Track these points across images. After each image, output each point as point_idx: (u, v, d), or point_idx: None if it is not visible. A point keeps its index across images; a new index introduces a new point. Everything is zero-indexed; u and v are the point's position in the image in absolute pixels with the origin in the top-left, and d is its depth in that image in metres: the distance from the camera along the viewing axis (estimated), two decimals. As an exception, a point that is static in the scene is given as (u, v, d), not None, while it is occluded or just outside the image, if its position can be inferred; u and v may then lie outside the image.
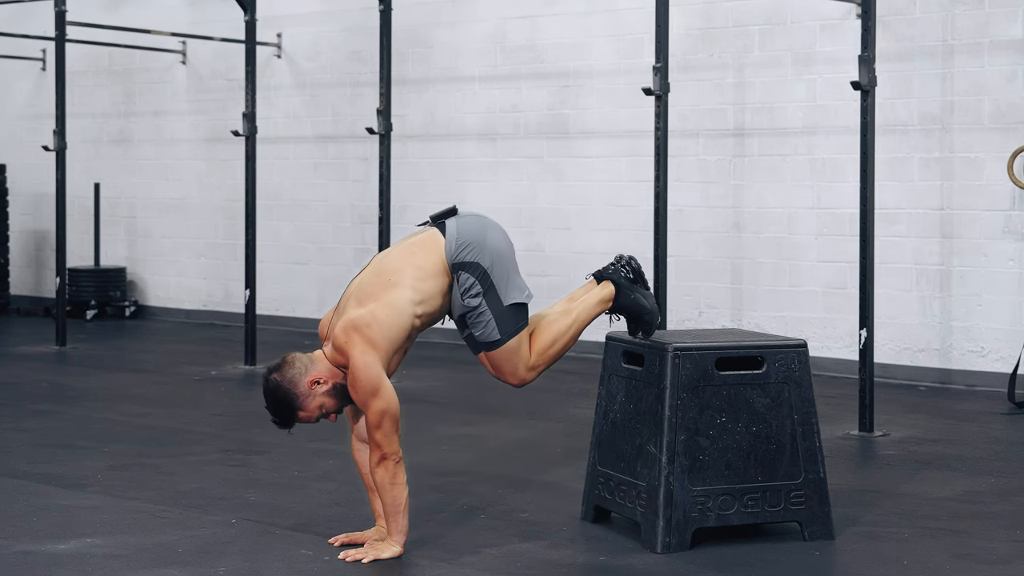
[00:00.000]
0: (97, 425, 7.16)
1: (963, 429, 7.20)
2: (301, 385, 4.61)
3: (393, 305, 4.59)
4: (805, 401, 4.91)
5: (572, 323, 4.87)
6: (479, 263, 4.67)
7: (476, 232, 4.71)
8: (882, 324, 8.54)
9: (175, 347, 10.53)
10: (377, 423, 4.55)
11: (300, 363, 4.63)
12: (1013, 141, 8.34)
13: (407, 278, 4.63)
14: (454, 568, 4.61)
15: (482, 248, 4.68)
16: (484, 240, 4.70)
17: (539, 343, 4.81)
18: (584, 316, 4.91)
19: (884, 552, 4.82)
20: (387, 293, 4.60)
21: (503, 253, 4.73)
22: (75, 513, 5.30)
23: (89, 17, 10.91)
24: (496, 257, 4.70)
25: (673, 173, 9.09)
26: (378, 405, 4.53)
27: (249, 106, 9.25)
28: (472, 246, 4.68)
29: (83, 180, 12.33)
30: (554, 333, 4.84)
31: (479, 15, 10.44)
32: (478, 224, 4.75)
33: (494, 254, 4.70)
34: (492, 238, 4.73)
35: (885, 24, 8.57)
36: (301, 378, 4.61)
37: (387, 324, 4.57)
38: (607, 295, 4.95)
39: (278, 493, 5.63)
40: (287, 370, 4.63)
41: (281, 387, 4.62)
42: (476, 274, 4.66)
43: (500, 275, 4.69)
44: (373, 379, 4.53)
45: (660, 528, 4.75)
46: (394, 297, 4.59)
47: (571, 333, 4.87)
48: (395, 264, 4.67)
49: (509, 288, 4.71)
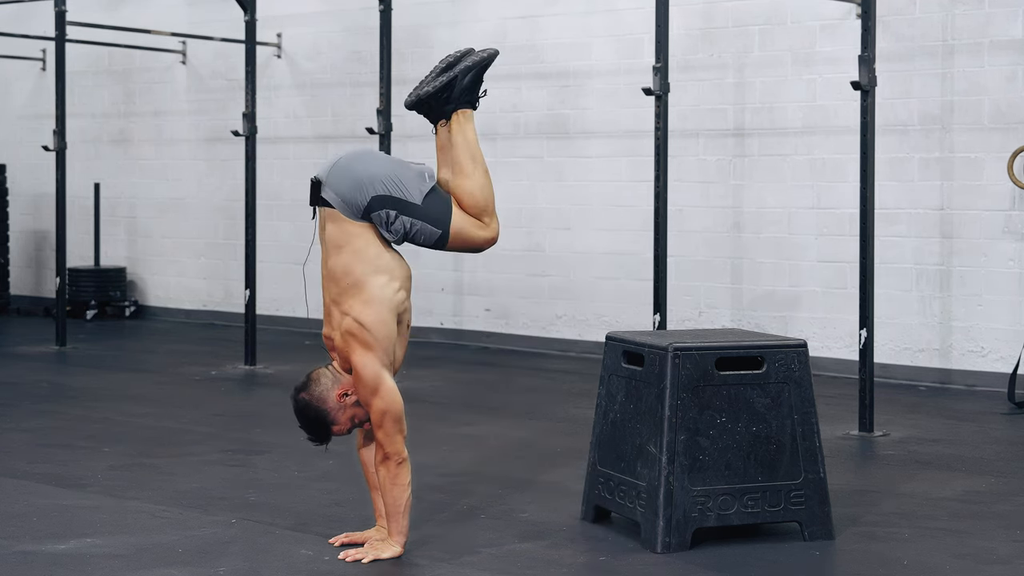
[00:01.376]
0: (97, 425, 7.16)
1: (963, 429, 7.20)
2: (331, 400, 4.62)
3: (369, 301, 4.60)
4: (805, 401, 4.91)
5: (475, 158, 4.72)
6: (373, 196, 4.59)
7: (347, 179, 4.62)
8: (882, 324, 8.54)
9: (175, 347, 10.53)
10: (378, 422, 4.56)
11: (326, 378, 4.65)
12: (1013, 141, 8.34)
13: (358, 268, 4.62)
14: (454, 568, 4.61)
15: (362, 185, 4.60)
16: (358, 178, 4.61)
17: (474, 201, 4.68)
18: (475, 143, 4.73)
19: (884, 552, 4.82)
20: (357, 293, 4.60)
21: (381, 170, 4.64)
22: (75, 513, 5.30)
23: (89, 17, 10.91)
24: (380, 179, 4.61)
25: (673, 173, 9.09)
26: (378, 405, 4.55)
27: (249, 106, 9.25)
28: (355, 192, 4.60)
29: (83, 180, 12.33)
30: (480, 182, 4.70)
31: (479, 15, 10.44)
32: (342, 172, 4.65)
33: (375, 179, 4.61)
34: (361, 170, 4.64)
35: (885, 24, 8.57)
36: (329, 393, 4.63)
37: (374, 321, 4.58)
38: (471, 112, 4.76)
39: (278, 493, 5.63)
40: (314, 387, 4.64)
41: (312, 405, 4.63)
42: (379, 206, 4.60)
43: (396, 188, 4.62)
44: (372, 378, 4.54)
45: (660, 528, 4.75)
46: (365, 294, 4.60)
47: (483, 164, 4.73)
48: (339, 266, 4.66)
49: (412, 189, 4.63)
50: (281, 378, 8.68)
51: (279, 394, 7.69)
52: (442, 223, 4.67)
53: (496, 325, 10.42)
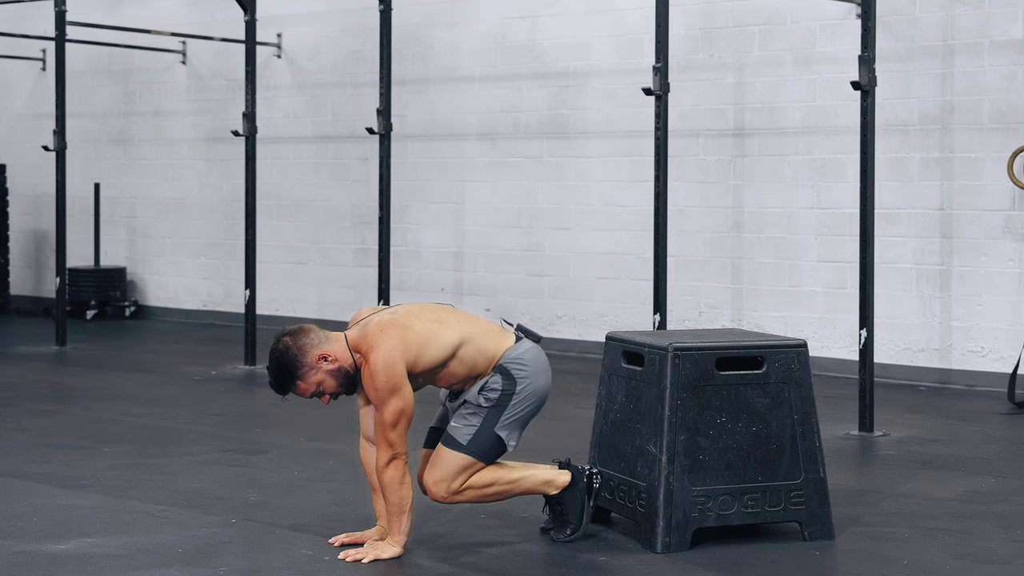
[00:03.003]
0: (97, 425, 7.17)
1: (963, 429, 7.20)
2: (309, 355, 4.60)
3: (437, 335, 4.64)
4: (805, 401, 4.91)
5: (514, 482, 4.84)
6: (515, 383, 4.73)
7: (536, 365, 4.79)
8: (882, 324, 8.54)
9: (175, 347, 10.53)
10: (394, 422, 4.54)
11: (315, 335, 4.64)
12: (1013, 141, 8.34)
13: (464, 332, 4.69)
14: (454, 568, 4.61)
15: (529, 379, 4.75)
16: (536, 376, 4.77)
17: (479, 478, 4.78)
18: (527, 485, 4.88)
19: (884, 552, 4.82)
20: (439, 327, 4.66)
21: (536, 398, 4.79)
22: (75, 513, 5.30)
23: (89, 17, 10.91)
24: (529, 395, 4.76)
25: (673, 173, 9.09)
26: (397, 404, 4.54)
27: (249, 106, 9.25)
28: (524, 369, 4.75)
29: (83, 180, 12.33)
30: (496, 479, 4.81)
31: (479, 15, 10.44)
32: (542, 363, 4.83)
33: (531, 391, 4.76)
34: (542, 381, 4.80)
35: (885, 24, 8.57)
36: (311, 349, 4.61)
37: (425, 341, 4.61)
38: (561, 481, 4.91)
39: (278, 493, 5.63)
40: (301, 337, 4.63)
41: (289, 351, 4.61)
42: (505, 388, 4.72)
43: (517, 409, 4.75)
44: (397, 377, 4.54)
45: (660, 528, 4.75)
46: (443, 335, 4.65)
47: (507, 489, 4.84)
48: (464, 319, 4.76)
49: (511, 424, 4.75)
50: (281, 378, 8.67)
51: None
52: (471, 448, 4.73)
53: (496, 325, 10.41)
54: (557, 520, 4.95)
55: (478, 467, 4.74)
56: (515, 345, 4.78)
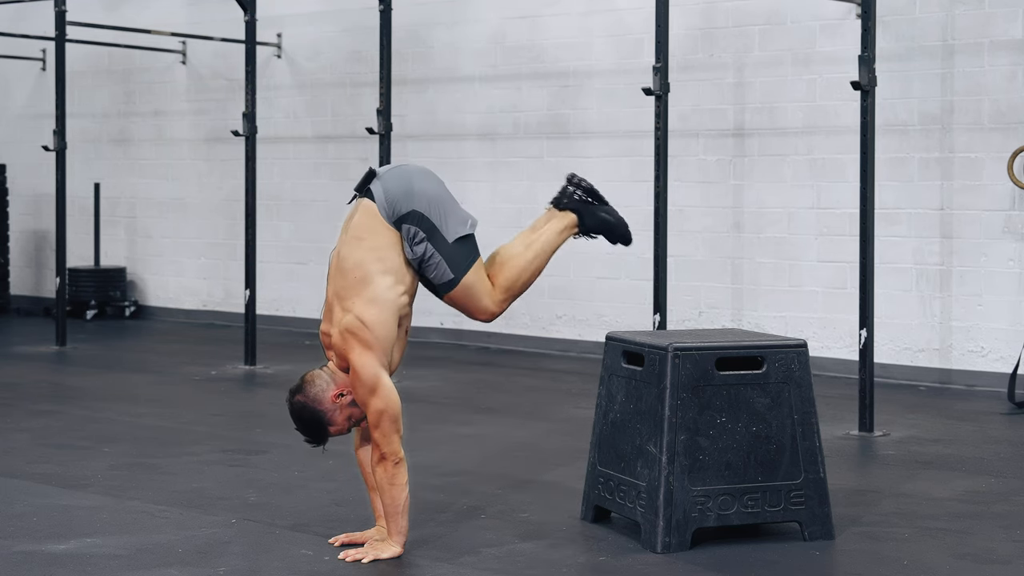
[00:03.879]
0: (97, 425, 7.16)
1: (963, 429, 7.20)
2: (326, 401, 4.61)
3: (375, 300, 4.58)
4: (805, 401, 4.91)
5: (537, 253, 4.85)
6: (414, 210, 4.64)
7: (401, 183, 4.67)
8: (882, 324, 8.54)
9: (175, 347, 10.53)
10: (375, 422, 4.55)
11: (320, 380, 4.64)
12: (1013, 141, 8.34)
13: (370, 266, 4.61)
14: (454, 568, 4.61)
15: (411, 196, 4.65)
16: (411, 188, 4.67)
17: (504, 277, 4.78)
18: (549, 246, 4.89)
19: (884, 552, 4.82)
20: (361, 290, 4.59)
21: (434, 193, 4.70)
22: (75, 513, 5.30)
23: (89, 17, 10.91)
24: (428, 199, 4.67)
25: (673, 173, 9.09)
26: (376, 404, 4.54)
27: (249, 106, 9.25)
28: (401, 198, 4.64)
29: (83, 180, 12.33)
30: (520, 266, 4.81)
31: (479, 15, 10.44)
32: (400, 175, 4.72)
33: (425, 197, 4.67)
34: (418, 183, 4.69)
35: (885, 24, 8.57)
36: (324, 394, 4.61)
37: (377, 322, 4.57)
38: (570, 222, 4.95)
39: (278, 493, 5.63)
40: (309, 389, 4.63)
41: (308, 407, 4.62)
42: (415, 221, 4.63)
43: (438, 215, 4.66)
44: (370, 378, 4.54)
45: (660, 528, 4.75)
46: (370, 291, 4.59)
47: (536, 263, 4.85)
48: (353, 258, 4.64)
49: (450, 224, 4.68)
50: (281, 378, 8.68)
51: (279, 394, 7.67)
52: (458, 270, 4.68)
53: (496, 325, 10.40)
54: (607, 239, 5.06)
55: (480, 269, 4.72)
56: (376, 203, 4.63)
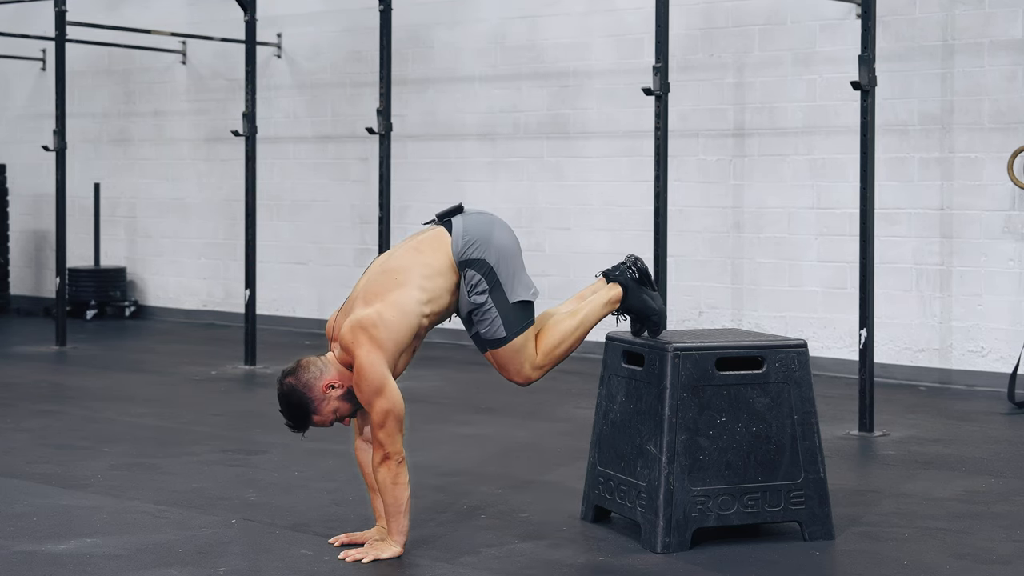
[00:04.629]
0: (97, 425, 7.17)
1: (963, 429, 7.20)
2: (316, 389, 4.61)
3: (399, 304, 4.58)
4: (805, 401, 4.91)
5: (579, 324, 4.87)
6: (485, 260, 4.66)
7: (482, 229, 4.71)
8: (882, 324, 8.54)
9: (175, 347, 10.53)
10: (381, 422, 4.55)
11: (315, 367, 4.63)
12: (1013, 141, 8.34)
13: (414, 276, 4.62)
14: (454, 568, 4.61)
15: (488, 245, 4.68)
16: (490, 237, 4.70)
17: (545, 343, 4.80)
18: (591, 317, 4.90)
19: (884, 552, 4.82)
20: (393, 292, 4.59)
21: (509, 250, 4.73)
22: (75, 513, 5.30)
23: (89, 17, 10.91)
24: (502, 254, 4.69)
25: (673, 173, 9.09)
26: (382, 404, 4.54)
27: (249, 106, 9.25)
28: (478, 243, 4.67)
29: (83, 180, 12.33)
30: (561, 333, 4.83)
31: (479, 15, 10.44)
32: (485, 221, 4.75)
33: (500, 251, 4.69)
34: (498, 236, 4.72)
35: (885, 24, 8.57)
36: (316, 382, 4.61)
37: (393, 324, 4.56)
38: (615, 296, 4.96)
39: (278, 493, 5.63)
40: (302, 374, 4.62)
41: (296, 391, 4.61)
42: (482, 271, 4.66)
43: (506, 272, 4.69)
44: (378, 378, 4.53)
45: (660, 528, 4.75)
46: (401, 296, 4.59)
47: (578, 334, 4.87)
48: (401, 263, 4.66)
49: (515, 286, 4.71)
50: (281, 378, 8.67)
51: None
52: (511, 330, 4.70)
53: (496, 325, 10.41)
54: (636, 324, 5.01)
55: (531, 332, 4.74)
56: (452, 235, 4.68)
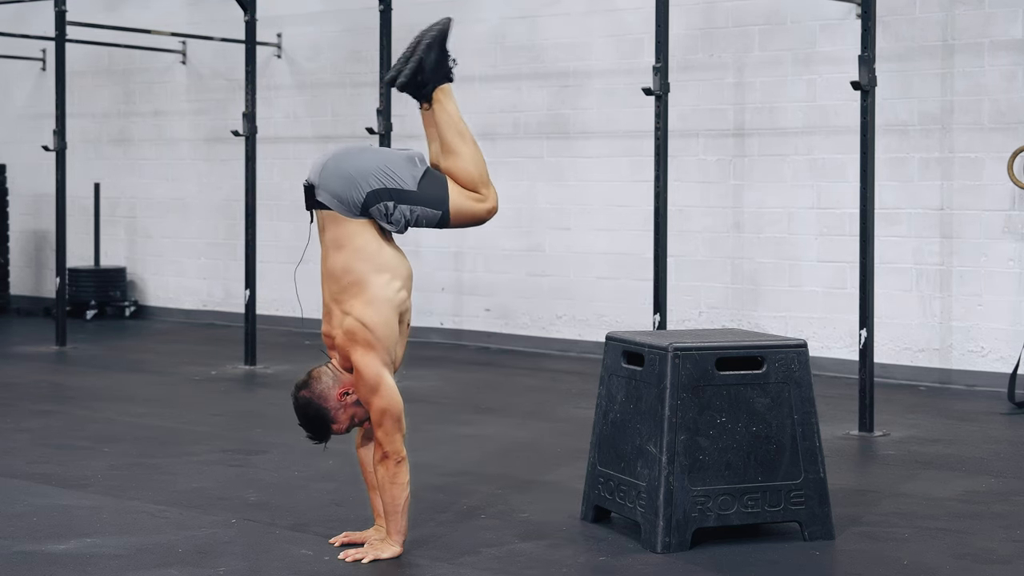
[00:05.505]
0: (97, 425, 7.17)
1: (963, 429, 7.20)
2: (331, 399, 4.62)
3: (373, 300, 4.60)
4: (805, 401, 4.91)
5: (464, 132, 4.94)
6: (368, 191, 4.59)
7: (340, 177, 4.61)
8: (882, 324, 8.54)
9: (175, 347, 10.53)
10: (378, 421, 4.56)
11: (327, 377, 4.64)
12: (1013, 141, 8.34)
13: (359, 266, 4.62)
14: (454, 568, 4.61)
15: (355, 181, 4.60)
16: (351, 175, 4.61)
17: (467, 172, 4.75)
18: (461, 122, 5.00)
19: (884, 552, 4.82)
20: (360, 293, 4.60)
21: (373, 163, 4.64)
22: (75, 513, 5.30)
23: (89, 17, 10.91)
24: (372, 172, 4.62)
25: (673, 173, 9.09)
26: (379, 404, 4.55)
27: (249, 106, 9.25)
28: (350, 190, 4.60)
29: (83, 180, 12.33)
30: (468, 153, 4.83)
31: (479, 15, 10.44)
32: (334, 170, 4.64)
33: (368, 172, 4.62)
34: (352, 167, 4.63)
35: (885, 24, 8.57)
36: (330, 392, 4.62)
37: (376, 322, 4.58)
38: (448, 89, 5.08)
39: (278, 493, 5.63)
40: (315, 385, 4.64)
41: (312, 403, 4.63)
42: (376, 199, 4.59)
43: (389, 178, 4.62)
44: (373, 377, 4.55)
45: (660, 528, 4.75)
46: (368, 294, 4.60)
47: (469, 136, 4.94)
48: (339, 264, 4.66)
49: (403, 176, 4.64)
50: (281, 378, 8.68)
51: (279, 394, 7.70)
52: (441, 203, 4.67)
53: (496, 325, 10.42)
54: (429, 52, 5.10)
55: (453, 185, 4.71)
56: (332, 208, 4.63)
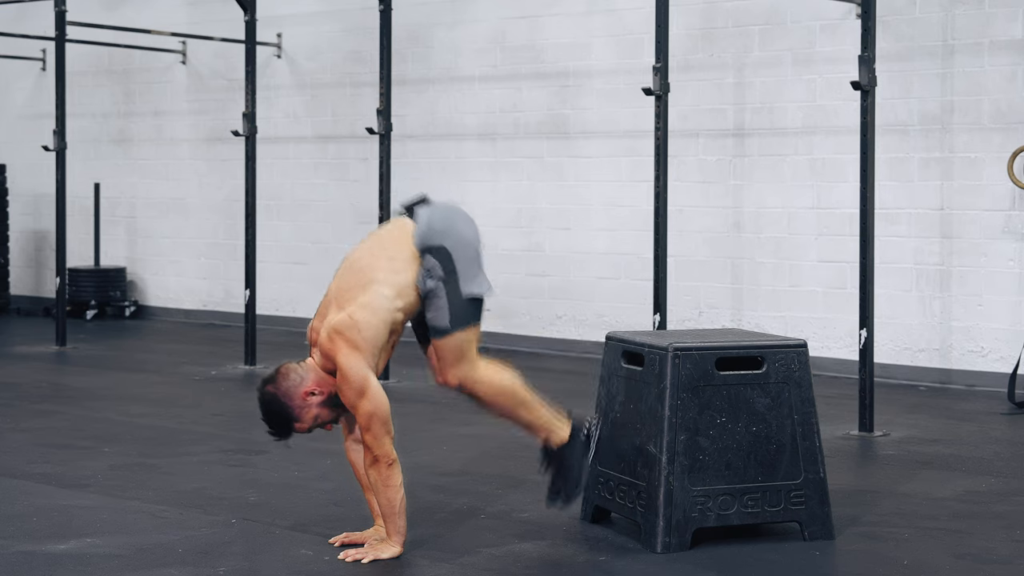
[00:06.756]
0: (97, 425, 7.16)
1: (963, 429, 7.20)
2: (296, 397, 4.60)
3: (370, 305, 4.57)
4: (805, 401, 4.91)
5: (525, 402, 4.78)
6: (444, 247, 4.63)
7: (445, 219, 4.69)
8: (882, 324, 8.54)
9: (175, 347, 10.53)
10: (366, 425, 4.54)
11: (295, 375, 4.62)
12: (1013, 141, 8.34)
13: (380, 273, 4.61)
14: (454, 568, 4.61)
15: (448, 234, 4.65)
16: (452, 227, 4.68)
17: (495, 376, 4.74)
18: (534, 415, 4.81)
19: (884, 552, 4.82)
20: (363, 293, 4.58)
21: (469, 242, 4.70)
22: (75, 513, 5.30)
23: (89, 17, 10.91)
24: (461, 244, 4.66)
25: (673, 173, 9.09)
26: (365, 407, 4.52)
27: (249, 106, 9.25)
28: (440, 232, 4.65)
29: (83, 180, 12.33)
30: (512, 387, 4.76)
31: (479, 15, 10.44)
32: (448, 212, 4.74)
33: (460, 241, 4.67)
34: (461, 226, 4.70)
35: (885, 24, 8.57)
36: (296, 390, 4.60)
37: (367, 325, 4.55)
38: (559, 436, 4.86)
39: (278, 493, 5.63)
40: (282, 382, 4.62)
41: (277, 399, 4.61)
42: (439, 258, 4.63)
43: (463, 263, 4.65)
44: (359, 380, 4.52)
45: (660, 528, 4.75)
46: (370, 296, 4.58)
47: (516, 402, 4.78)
48: (367, 260, 4.66)
49: (469, 278, 4.66)
50: (281, 378, 8.67)
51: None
52: (456, 323, 4.64)
53: (496, 325, 10.41)
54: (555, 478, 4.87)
55: (474, 335, 4.68)
56: (416, 225, 4.66)
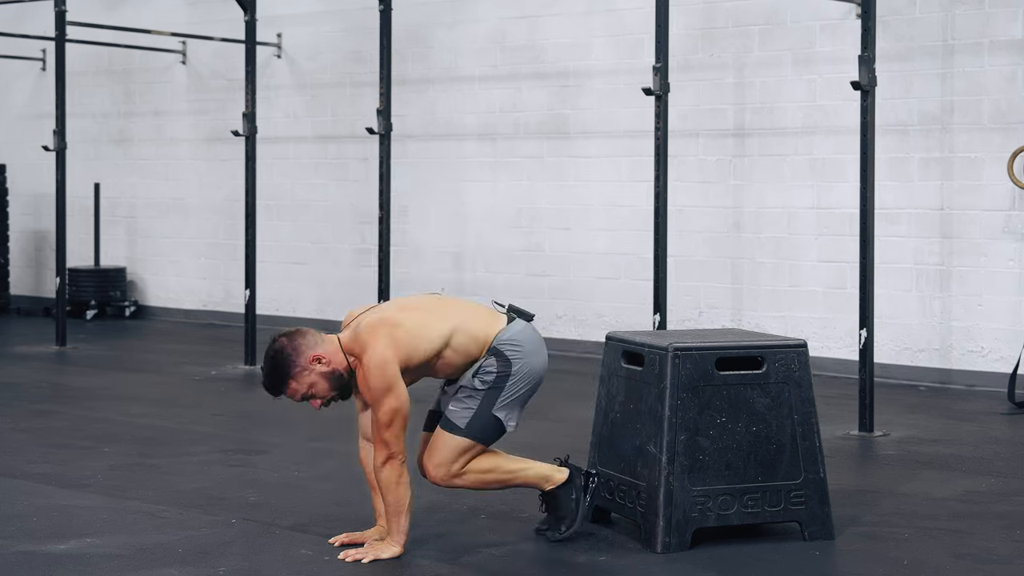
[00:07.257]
0: (97, 425, 7.17)
1: (963, 429, 7.20)
2: (304, 356, 4.61)
3: (427, 326, 4.66)
4: (805, 401, 4.91)
5: (513, 472, 4.86)
6: (510, 365, 4.73)
7: (530, 345, 4.78)
8: (882, 324, 8.53)
9: (175, 347, 10.53)
10: (388, 421, 4.55)
11: (312, 337, 4.66)
12: (1013, 141, 8.34)
13: (454, 320, 4.71)
14: (454, 568, 4.61)
15: (524, 357, 4.75)
16: (530, 355, 4.77)
17: (479, 463, 4.79)
18: (526, 476, 4.89)
19: (884, 552, 4.83)
20: (428, 317, 4.68)
21: (533, 376, 4.78)
22: (75, 513, 5.30)
23: (89, 17, 10.91)
24: (525, 372, 4.75)
25: (673, 173, 9.09)
26: (391, 403, 4.54)
27: (249, 106, 9.25)
28: (518, 350, 4.74)
29: (83, 180, 12.32)
30: (496, 466, 4.83)
31: (479, 15, 10.44)
32: (536, 341, 4.83)
33: (527, 368, 4.75)
34: (537, 359, 4.80)
35: (885, 24, 8.57)
36: (306, 350, 4.62)
37: (416, 336, 4.61)
38: (557, 478, 4.92)
39: (278, 493, 5.63)
40: (297, 338, 4.64)
41: (283, 352, 4.63)
42: (500, 369, 4.72)
43: (513, 389, 4.74)
44: (390, 376, 4.54)
45: (660, 528, 4.75)
46: (432, 326, 4.67)
47: (506, 478, 4.85)
48: (453, 307, 4.80)
49: (507, 405, 4.75)
50: (281, 378, 8.67)
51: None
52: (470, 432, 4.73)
53: (496, 325, 10.41)
54: (552, 518, 4.95)
55: (477, 450, 4.75)
56: (507, 327, 4.77)
